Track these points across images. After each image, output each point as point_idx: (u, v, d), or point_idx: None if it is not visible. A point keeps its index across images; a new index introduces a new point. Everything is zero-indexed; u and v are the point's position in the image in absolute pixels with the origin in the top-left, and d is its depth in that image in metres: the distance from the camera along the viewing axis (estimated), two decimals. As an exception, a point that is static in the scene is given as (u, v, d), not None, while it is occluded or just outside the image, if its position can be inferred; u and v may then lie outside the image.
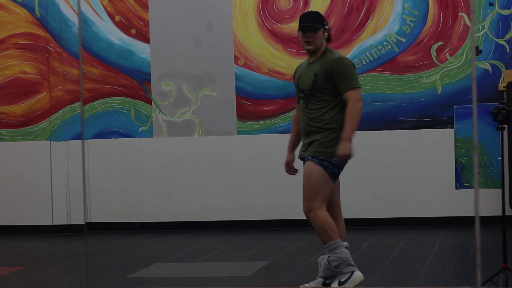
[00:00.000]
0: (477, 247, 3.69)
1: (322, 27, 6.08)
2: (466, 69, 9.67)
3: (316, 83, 6.03)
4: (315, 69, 6.06)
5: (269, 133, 10.03)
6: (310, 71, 6.11)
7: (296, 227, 9.83)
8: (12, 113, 10.51)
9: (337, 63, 6.00)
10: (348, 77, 5.99)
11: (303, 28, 6.05)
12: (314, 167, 6.00)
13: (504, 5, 9.60)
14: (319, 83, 6.02)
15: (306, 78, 6.11)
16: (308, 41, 6.06)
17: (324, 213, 6.00)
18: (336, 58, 6.03)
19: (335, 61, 6.01)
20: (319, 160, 6.00)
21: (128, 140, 10.31)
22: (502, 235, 6.24)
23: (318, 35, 6.06)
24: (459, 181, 9.69)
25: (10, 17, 10.47)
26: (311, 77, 6.06)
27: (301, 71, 6.22)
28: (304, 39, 6.08)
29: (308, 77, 6.09)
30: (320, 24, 6.07)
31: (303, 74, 6.16)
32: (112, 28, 10.31)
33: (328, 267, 6.01)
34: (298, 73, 6.25)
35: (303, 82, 6.13)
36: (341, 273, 6.00)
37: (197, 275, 7.23)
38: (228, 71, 10.10)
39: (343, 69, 5.99)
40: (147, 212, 10.23)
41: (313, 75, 6.05)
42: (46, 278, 7.45)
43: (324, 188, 6.01)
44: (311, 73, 6.08)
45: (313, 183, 6.01)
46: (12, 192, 10.45)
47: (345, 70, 5.99)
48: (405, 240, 8.76)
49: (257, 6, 10.05)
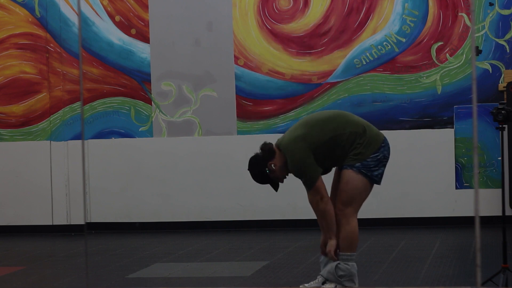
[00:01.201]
0: (477, 247, 3.69)
1: (266, 174, 6.12)
2: (466, 69, 9.67)
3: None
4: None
5: (269, 133, 10.02)
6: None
7: (296, 227, 9.83)
8: (12, 113, 10.51)
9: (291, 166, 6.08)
10: (304, 177, 6.09)
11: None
12: (353, 174, 6.01)
13: (504, 5, 9.60)
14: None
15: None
16: (273, 187, 6.23)
17: (355, 222, 6.05)
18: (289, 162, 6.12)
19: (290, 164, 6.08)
20: (357, 168, 6.01)
21: (128, 140, 10.31)
22: (502, 235, 6.24)
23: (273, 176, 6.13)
24: (459, 181, 9.69)
25: (10, 17, 10.47)
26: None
27: None
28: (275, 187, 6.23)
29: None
30: (262, 179, 6.17)
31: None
32: (112, 28, 10.31)
33: (333, 272, 6.01)
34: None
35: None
36: (341, 285, 6.00)
37: (197, 275, 7.23)
38: (228, 71, 10.10)
39: (297, 172, 6.10)
40: (147, 212, 10.23)
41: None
42: (46, 278, 7.45)
43: (362, 195, 6.05)
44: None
45: (353, 189, 6.01)
46: (12, 192, 10.45)
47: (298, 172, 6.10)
48: (405, 240, 8.76)
49: (257, 6, 10.05)
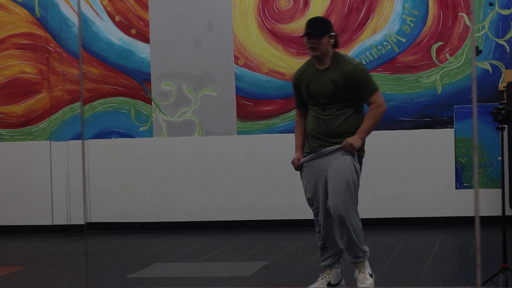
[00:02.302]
0: (477, 247, 3.69)
1: (326, 34, 6.00)
2: (466, 69, 9.67)
3: (338, 91, 5.99)
4: (332, 77, 6.00)
5: (269, 133, 10.03)
6: (325, 79, 6.02)
7: (296, 227, 9.83)
8: (12, 113, 10.51)
9: (357, 70, 5.99)
10: (369, 83, 6.04)
11: (306, 34, 5.99)
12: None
13: (504, 5, 9.60)
14: (340, 92, 5.99)
15: (322, 87, 6.02)
16: (312, 47, 5.99)
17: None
18: (355, 65, 6.02)
19: (355, 69, 5.99)
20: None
21: (128, 140, 10.31)
22: (502, 235, 6.24)
23: (322, 42, 5.98)
24: (459, 181, 9.69)
25: (10, 17, 10.47)
26: (329, 85, 5.99)
27: (309, 78, 6.10)
28: (308, 45, 6.01)
29: (325, 86, 6.01)
30: (324, 31, 5.99)
31: (315, 82, 6.05)
32: (112, 28, 10.31)
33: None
34: (305, 79, 6.11)
35: (317, 90, 6.04)
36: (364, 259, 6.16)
37: (197, 275, 7.23)
38: (228, 71, 10.10)
39: (362, 76, 6.01)
40: (147, 212, 10.23)
41: (331, 83, 5.98)
42: (46, 278, 7.45)
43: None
44: (327, 82, 6.00)
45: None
46: (12, 192, 10.46)
47: (364, 77, 6.02)
48: (405, 240, 8.76)
49: (257, 6, 10.05)
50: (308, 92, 6.09)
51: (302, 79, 6.15)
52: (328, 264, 6.22)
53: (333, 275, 6.23)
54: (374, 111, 6.02)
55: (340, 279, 6.27)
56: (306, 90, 6.10)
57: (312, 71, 6.11)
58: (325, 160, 6.05)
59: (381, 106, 6.04)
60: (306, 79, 6.12)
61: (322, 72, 6.05)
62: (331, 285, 6.20)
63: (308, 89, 6.08)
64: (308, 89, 6.08)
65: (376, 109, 6.02)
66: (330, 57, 6.05)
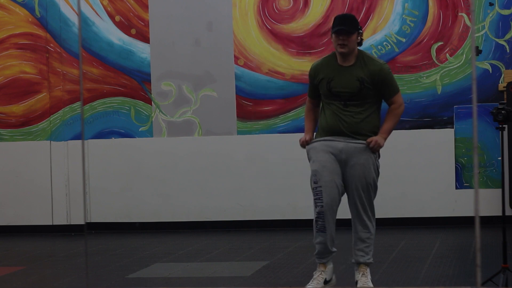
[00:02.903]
0: (477, 247, 3.69)
1: (356, 31, 6.07)
2: (466, 69, 9.67)
3: (363, 89, 6.05)
4: (358, 75, 6.06)
5: (269, 133, 10.03)
6: (350, 75, 6.07)
7: (296, 227, 9.83)
8: (12, 113, 10.51)
9: (384, 71, 6.10)
10: (393, 83, 6.17)
11: (338, 31, 6.03)
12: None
13: (504, 5, 9.60)
14: (365, 90, 6.06)
15: (346, 83, 6.07)
16: (341, 43, 6.03)
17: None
18: (381, 65, 6.12)
19: (382, 69, 6.09)
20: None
21: (128, 140, 10.31)
22: (502, 235, 6.24)
23: (352, 39, 6.05)
24: (459, 181, 9.69)
25: (10, 17, 10.47)
26: (354, 82, 6.05)
27: (331, 73, 6.12)
28: (337, 41, 6.04)
29: (350, 82, 6.06)
30: (354, 28, 6.07)
31: (339, 77, 6.09)
32: (112, 28, 10.31)
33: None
34: (327, 74, 6.12)
35: (341, 86, 6.08)
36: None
37: (197, 275, 7.23)
38: (228, 71, 10.10)
39: (388, 76, 6.13)
40: (147, 212, 10.23)
41: (357, 80, 6.05)
42: (46, 278, 7.44)
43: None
44: (353, 78, 6.06)
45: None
46: (12, 192, 10.45)
47: (390, 77, 6.14)
48: (405, 240, 8.76)
49: (257, 6, 10.05)
50: (330, 87, 6.11)
51: (323, 73, 6.15)
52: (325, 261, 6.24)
53: (327, 271, 6.27)
54: (396, 111, 6.17)
55: (333, 275, 6.32)
56: (327, 85, 6.11)
57: (334, 66, 6.14)
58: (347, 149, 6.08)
59: (401, 106, 6.19)
60: (328, 74, 6.13)
61: (347, 68, 6.10)
62: (326, 281, 6.25)
63: (330, 85, 6.11)
64: (330, 84, 6.11)
65: (397, 109, 6.17)
66: (355, 55, 6.12)
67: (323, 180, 6.04)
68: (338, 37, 6.03)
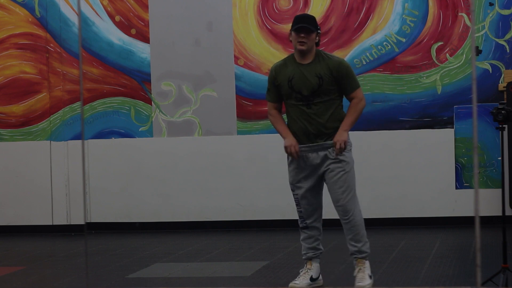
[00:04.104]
0: (477, 247, 3.69)
1: (315, 30, 6.25)
2: (466, 69, 9.67)
3: (322, 85, 6.21)
4: (317, 71, 6.22)
5: (269, 133, 10.02)
6: (309, 72, 6.24)
7: (296, 227, 9.78)
8: (12, 113, 10.51)
9: (342, 65, 6.28)
10: (353, 78, 6.33)
11: (298, 28, 6.20)
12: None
13: (504, 5, 9.60)
14: (325, 85, 6.22)
15: (306, 79, 6.23)
16: (301, 41, 6.20)
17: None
18: (340, 61, 6.33)
19: (340, 64, 6.28)
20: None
21: (128, 140, 10.31)
22: (502, 235, 6.25)
23: (311, 37, 6.23)
24: (459, 181, 9.69)
25: (10, 17, 10.47)
26: (314, 78, 6.22)
27: (291, 72, 6.28)
28: (297, 39, 6.21)
29: (309, 79, 6.23)
30: (314, 28, 6.25)
31: (298, 75, 6.25)
32: (112, 28, 10.31)
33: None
34: (287, 73, 6.29)
35: (302, 83, 6.24)
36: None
37: (197, 275, 7.23)
38: (228, 71, 10.10)
39: (347, 70, 6.30)
40: (147, 212, 10.23)
41: (316, 76, 6.21)
42: (46, 278, 7.45)
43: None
44: (312, 75, 6.22)
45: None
46: (12, 192, 10.45)
47: (349, 71, 6.31)
48: (405, 240, 8.76)
49: (257, 6, 10.05)
50: (291, 85, 6.27)
51: (283, 73, 6.32)
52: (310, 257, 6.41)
53: (313, 269, 6.41)
54: (357, 106, 6.32)
55: (319, 274, 6.44)
56: (289, 83, 6.27)
57: (294, 65, 6.31)
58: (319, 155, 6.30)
59: (362, 101, 6.35)
60: (288, 72, 6.30)
61: (306, 66, 6.27)
62: (312, 279, 6.37)
63: (291, 82, 6.27)
64: (291, 82, 6.27)
65: (358, 104, 6.32)
66: (313, 54, 6.30)
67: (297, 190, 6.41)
68: (298, 35, 6.21)
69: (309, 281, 6.34)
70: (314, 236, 6.45)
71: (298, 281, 6.34)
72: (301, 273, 6.41)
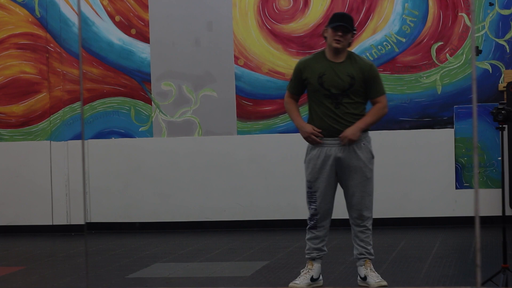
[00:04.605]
0: (477, 247, 3.69)
1: (352, 30, 6.27)
2: (466, 69, 9.67)
3: (353, 85, 6.21)
4: (349, 71, 6.22)
5: (269, 133, 10.02)
6: (341, 71, 6.22)
7: (296, 227, 9.82)
8: (12, 113, 10.51)
9: (374, 68, 6.32)
10: (381, 83, 6.37)
11: (337, 26, 6.18)
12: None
13: (504, 5, 9.60)
14: (355, 86, 6.22)
15: (338, 78, 6.21)
16: (338, 39, 6.18)
17: None
18: (371, 64, 6.35)
19: (372, 66, 6.32)
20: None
21: (128, 140, 10.30)
22: (502, 235, 6.24)
23: (347, 37, 6.23)
24: (459, 181, 9.69)
25: (10, 17, 10.47)
26: (346, 78, 6.21)
27: (322, 68, 6.24)
28: (334, 36, 6.19)
29: (342, 77, 6.21)
30: (352, 28, 6.25)
31: (330, 72, 6.21)
32: (112, 28, 10.31)
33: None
34: (318, 69, 6.25)
35: (333, 81, 6.20)
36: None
37: (197, 275, 7.23)
38: (228, 71, 10.10)
39: (377, 75, 6.34)
40: (147, 212, 10.23)
41: (348, 76, 6.21)
42: (46, 278, 7.44)
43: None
44: (344, 74, 6.21)
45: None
46: (12, 192, 10.45)
47: (378, 76, 6.35)
48: (405, 240, 8.76)
49: (257, 6, 10.05)
50: (321, 81, 6.22)
51: (313, 68, 6.26)
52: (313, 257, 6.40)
53: (315, 269, 6.40)
54: (380, 110, 6.32)
55: (320, 275, 6.43)
56: (319, 79, 6.22)
57: (324, 62, 6.27)
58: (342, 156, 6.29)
59: (385, 108, 6.35)
60: (318, 68, 6.25)
61: (338, 64, 6.24)
62: (313, 279, 6.37)
63: (322, 79, 6.22)
64: (321, 79, 6.22)
65: (381, 109, 6.32)
66: (345, 53, 6.28)
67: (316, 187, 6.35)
68: (335, 33, 6.19)
69: (309, 281, 6.34)
70: (321, 237, 6.42)
71: (299, 281, 6.34)
72: (302, 273, 6.41)
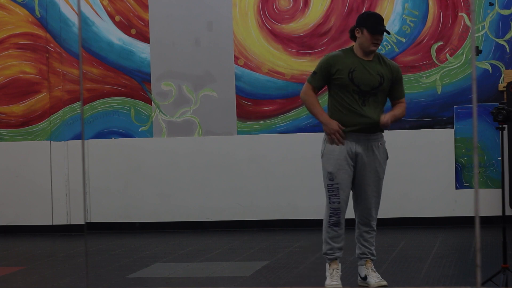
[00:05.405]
0: (477, 247, 3.69)
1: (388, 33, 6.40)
2: (466, 69, 9.67)
3: (382, 84, 6.24)
4: (379, 70, 6.25)
5: (269, 133, 10.03)
6: (372, 69, 6.23)
7: (296, 227, 9.83)
8: (12, 113, 10.51)
9: (400, 70, 6.40)
10: (403, 85, 6.46)
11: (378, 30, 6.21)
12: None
13: (504, 5, 9.60)
14: (384, 85, 6.26)
15: (369, 75, 6.22)
16: (376, 43, 6.22)
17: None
18: (398, 66, 6.46)
19: (399, 68, 6.41)
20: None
21: (128, 140, 10.30)
22: (502, 235, 6.24)
23: (381, 39, 6.31)
24: (459, 181, 9.69)
25: (10, 17, 10.47)
26: (376, 76, 6.22)
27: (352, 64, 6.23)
28: (372, 40, 6.20)
29: (372, 75, 6.22)
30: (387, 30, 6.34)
31: (360, 69, 6.21)
32: (112, 28, 10.31)
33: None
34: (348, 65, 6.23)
35: (363, 78, 6.21)
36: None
37: (197, 275, 7.23)
38: (228, 71, 10.10)
39: (402, 77, 6.44)
40: (147, 212, 10.23)
41: (378, 75, 6.23)
42: (46, 278, 7.45)
43: None
44: (374, 72, 6.23)
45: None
46: (12, 192, 10.45)
47: (402, 78, 6.45)
48: (405, 240, 8.76)
49: (257, 6, 10.05)
50: (351, 77, 6.21)
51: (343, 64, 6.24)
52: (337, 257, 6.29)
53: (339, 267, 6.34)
54: (404, 109, 6.45)
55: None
56: (349, 75, 6.21)
57: (353, 58, 6.27)
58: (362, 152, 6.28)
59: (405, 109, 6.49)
60: (349, 65, 6.23)
61: (368, 62, 6.26)
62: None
63: (352, 74, 6.21)
64: (352, 74, 6.21)
65: (405, 108, 6.44)
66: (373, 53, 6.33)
67: (339, 178, 6.21)
68: (374, 36, 6.20)
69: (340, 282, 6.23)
70: (342, 235, 6.29)
71: (334, 283, 6.19)
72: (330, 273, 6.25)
